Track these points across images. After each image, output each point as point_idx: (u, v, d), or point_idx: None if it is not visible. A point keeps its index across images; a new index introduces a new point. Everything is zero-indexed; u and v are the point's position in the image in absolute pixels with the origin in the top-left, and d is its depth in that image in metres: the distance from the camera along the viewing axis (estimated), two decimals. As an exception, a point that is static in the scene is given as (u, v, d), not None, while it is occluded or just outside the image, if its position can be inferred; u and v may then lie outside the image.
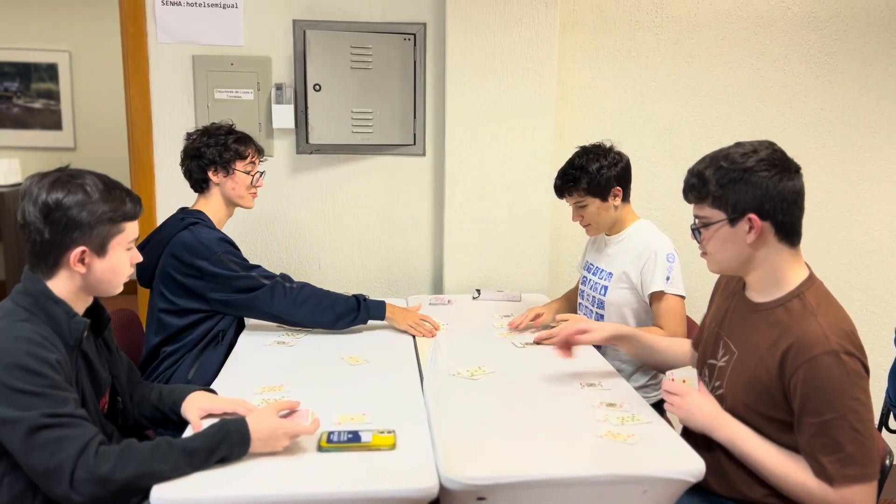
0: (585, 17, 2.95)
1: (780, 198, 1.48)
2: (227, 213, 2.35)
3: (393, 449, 1.48)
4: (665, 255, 2.17)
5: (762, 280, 1.56)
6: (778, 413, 1.48)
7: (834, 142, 3.10)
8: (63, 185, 1.41)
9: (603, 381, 1.89)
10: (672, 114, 3.04)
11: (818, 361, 1.40)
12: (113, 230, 1.45)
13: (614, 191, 2.22)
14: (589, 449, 1.51)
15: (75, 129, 5.55)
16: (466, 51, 2.77)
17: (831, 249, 3.17)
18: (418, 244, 3.02)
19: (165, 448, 1.33)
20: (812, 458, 1.42)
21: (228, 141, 2.25)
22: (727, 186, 1.49)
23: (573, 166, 2.23)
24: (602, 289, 2.30)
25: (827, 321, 1.44)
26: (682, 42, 3.00)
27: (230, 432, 1.40)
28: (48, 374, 1.32)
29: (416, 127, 2.92)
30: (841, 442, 1.38)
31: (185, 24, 2.76)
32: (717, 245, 1.55)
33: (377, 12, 2.83)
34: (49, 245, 1.42)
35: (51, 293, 1.43)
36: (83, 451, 1.27)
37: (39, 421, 1.27)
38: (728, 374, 1.59)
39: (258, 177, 2.33)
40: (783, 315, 1.50)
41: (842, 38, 3.04)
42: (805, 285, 1.52)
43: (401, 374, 1.95)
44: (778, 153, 1.51)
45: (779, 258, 1.53)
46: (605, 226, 2.29)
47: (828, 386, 1.39)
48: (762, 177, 1.47)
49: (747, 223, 1.49)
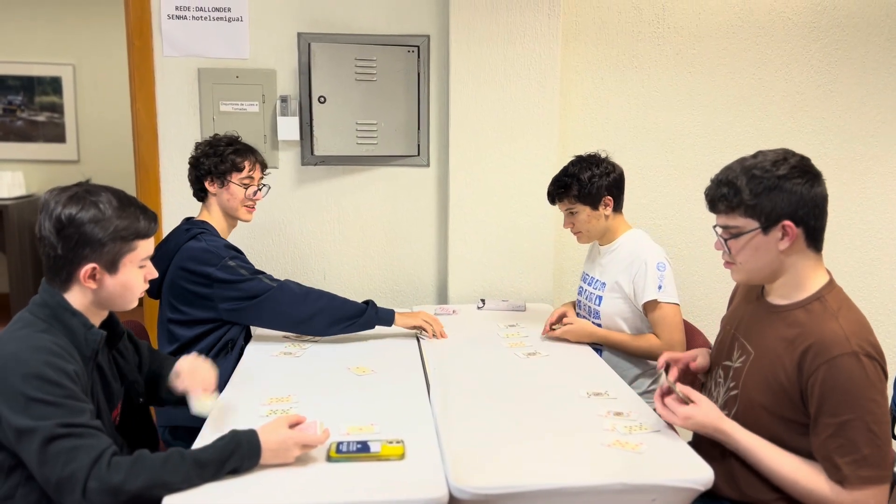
0: (588, 28, 2.97)
1: (812, 203, 1.50)
2: (229, 224, 2.35)
3: (402, 459, 1.48)
4: (655, 264, 2.19)
5: (785, 285, 1.57)
6: (793, 414, 1.48)
7: (835, 151, 3.12)
8: (78, 200, 1.42)
9: (609, 390, 1.89)
10: (674, 123, 3.05)
11: (838, 362, 1.40)
12: (124, 248, 1.46)
13: (605, 200, 2.24)
14: (597, 458, 1.51)
15: (79, 142, 5.55)
16: (470, 62, 2.79)
17: (834, 257, 3.17)
18: (423, 254, 3.03)
19: (177, 459, 1.34)
20: (827, 459, 1.42)
21: (226, 152, 2.25)
22: (762, 195, 1.50)
23: (566, 174, 2.26)
24: (597, 299, 2.31)
25: (847, 323, 1.45)
26: (683, 52, 3.02)
27: (241, 444, 1.40)
28: (66, 384, 1.33)
29: (419, 138, 2.93)
30: (857, 443, 1.38)
31: (191, 38, 2.78)
32: (748, 254, 1.55)
33: (381, 25, 2.85)
34: (62, 260, 1.43)
35: (68, 305, 1.44)
36: (97, 462, 1.28)
37: (55, 431, 1.28)
38: (744, 374, 1.59)
39: (255, 190, 2.31)
40: (803, 316, 1.51)
41: (842, 47, 3.06)
42: (826, 289, 1.53)
43: (407, 383, 1.95)
44: (805, 160, 1.54)
45: (804, 263, 1.54)
46: (596, 234, 2.32)
47: (847, 387, 1.39)
48: (796, 183, 1.49)
49: (780, 230, 1.50)
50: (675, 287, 2.20)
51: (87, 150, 5.57)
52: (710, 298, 3.01)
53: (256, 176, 2.32)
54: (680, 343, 2.17)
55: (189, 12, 2.76)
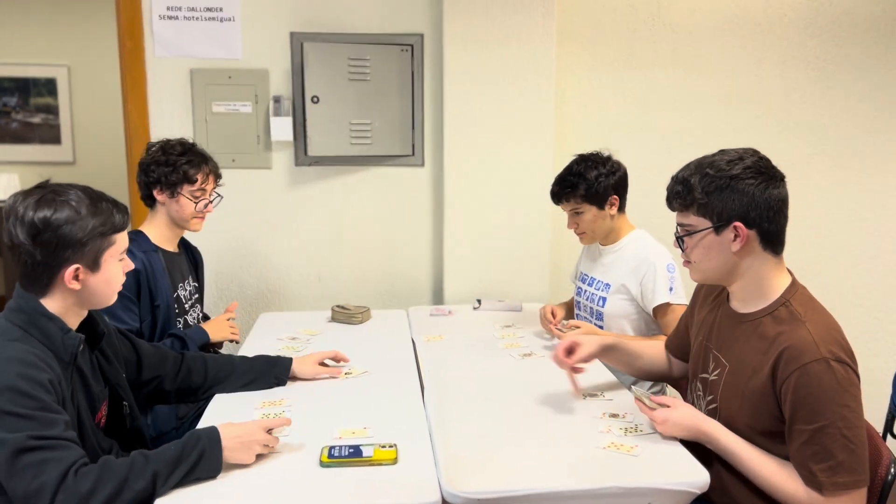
0: (583, 28, 2.95)
1: (765, 206, 1.47)
2: (174, 234, 2.24)
3: (395, 463, 1.47)
4: (665, 266, 2.16)
5: (746, 289, 1.55)
6: (773, 425, 1.47)
7: (833, 148, 3.10)
8: (49, 202, 1.39)
9: (605, 392, 1.87)
10: (671, 122, 3.03)
11: (808, 369, 1.39)
12: (104, 244, 1.44)
13: (611, 199, 2.22)
14: (592, 461, 1.50)
15: (74, 144, 5.53)
16: (464, 61, 2.77)
17: (831, 255, 3.16)
18: (418, 255, 3.01)
19: (141, 462, 1.32)
20: (802, 465, 1.41)
21: (179, 162, 2.12)
22: (713, 194, 1.48)
23: (571, 173, 2.22)
24: (600, 300, 2.29)
25: (815, 328, 1.43)
26: (679, 50, 3.00)
27: (200, 437, 1.41)
28: (39, 396, 1.30)
29: (414, 138, 2.91)
30: (832, 450, 1.37)
31: (183, 38, 2.76)
32: (701, 253, 1.54)
33: (374, 24, 2.83)
34: (42, 266, 1.40)
35: (44, 310, 1.41)
36: (66, 475, 1.25)
37: (25, 443, 1.25)
38: (721, 387, 1.58)
39: (206, 203, 2.19)
40: (771, 324, 1.49)
41: (840, 44, 3.04)
42: (789, 292, 1.51)
43: (401, 385, 1.93)
44: (763, 161, 1.51)
45: (763, 267, 1.52)
46: (601, 234, 2.29)
47: (818, 394, 1.38)
48: (748, 184, 1.46)
49: (733, 231, 1.48)
50: (683, 288, 2.17)
51: (82, 152, 5.55)
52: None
53: (209, 188, 2.20)
54: None
55: (181, 12, 2.74)
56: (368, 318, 2.57)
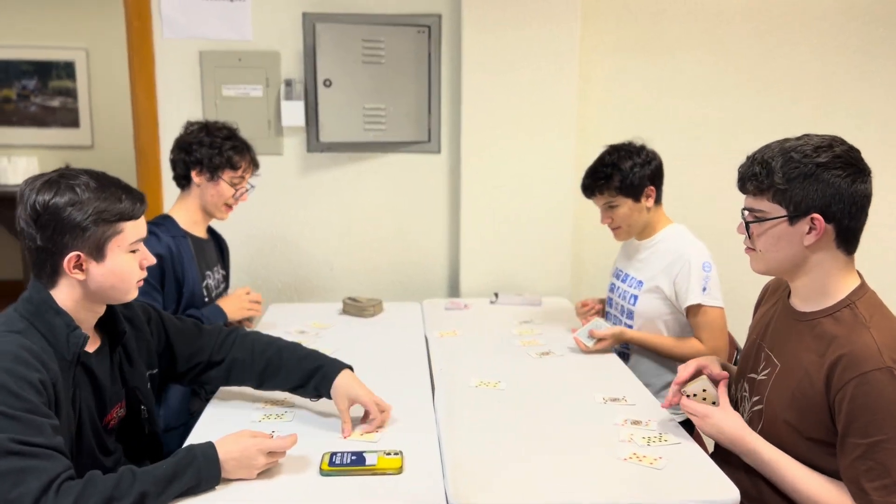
0: (608, 8, 2.83)
1: (850, 201, 1.35)
2: (204, 220, 2.20)
3: (399, 472, 1.39)
4: (701, 264, 2.03)
5: (810, 286, 1.43)
6: (821, 433, 1.37)
7: (876, 137, 2.93)
8: (53, 185, 1.33)
9: (627, 396, 1.77)
10: (700, 109, 2.91)
11: (869, 378, 1.28)
12: (108, 231, 1.36)
13: (647, 191, 2.09)
14: (611, 473, 1.41)
15: (93, 127, 5.54)
16: (483, 43, 2.68)
17: (866, 254, 3.00)
18: (433, 245, 2.94)
19: (129, 479, 1.24)
20: (854, 482, 1.31)
21: (224, 146, 2.10)
22: (795, 181, 1.36)
23: (604, 164, 2.10)
24: (631, 298, 2.16)
25: (881, 334, 1.32)
26: (710, 32, 2.86)
27: (196, 456, 1.31)
28: (27, 396, 1.23)
29: (430, 123, 2.84)
30: (888, 467, 1.27)
31: (192, 19, 2.69)
32: (769, 242, 1.42)
33: (390, 4, 2.75)
34: (43, 252, 1.34)
35: (53, 303, 1.35)
36: (46, 490, 1.17)
37: (7, 446, 1.18)
38: (769, 388, 1.47)
39: (243, 192, 2.18)
40: (832, 326, 1.38)
41: (882, 25, 2.89)
42: (856, 294, 1.39)
43: (412, 385, 1.86)
44: (853, 152, 1.39)
45: (833, 265, 1.40)
46: (636, 229, 2.16)
47: (879, 405, 1.27)
48: (835, 175, 1.35)
49: (808, 223, 1.37)
50: (720, 289, 2.05)
51: (101, 135, 5.56)
52: (738, 299, 2.86)
53: (247, 177, 2.19)
54: (724, 350, 2.03)
55: (190, -8, 2.66)
56: (380, 312, 2.51)
